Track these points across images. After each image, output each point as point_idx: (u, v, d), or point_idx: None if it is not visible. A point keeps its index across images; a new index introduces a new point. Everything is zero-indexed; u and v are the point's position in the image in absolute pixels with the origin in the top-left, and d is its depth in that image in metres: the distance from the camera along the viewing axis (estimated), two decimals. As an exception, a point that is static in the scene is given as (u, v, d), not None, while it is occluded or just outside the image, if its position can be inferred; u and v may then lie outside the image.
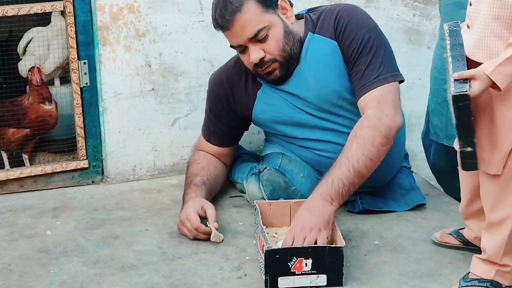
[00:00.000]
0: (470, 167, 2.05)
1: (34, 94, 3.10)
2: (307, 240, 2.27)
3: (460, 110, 1.96)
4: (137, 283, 2.28)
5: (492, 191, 2.11)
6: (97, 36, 3.04)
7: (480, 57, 2.00)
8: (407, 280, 2.27)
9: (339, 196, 2.40)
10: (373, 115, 2.50)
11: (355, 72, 2.60)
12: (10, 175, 3.03)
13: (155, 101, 3.18)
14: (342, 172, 2.41)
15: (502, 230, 2.11)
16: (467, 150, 2.01)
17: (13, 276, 2.33)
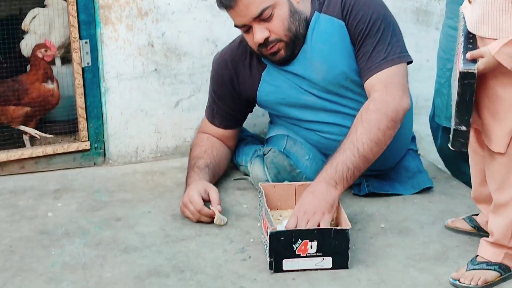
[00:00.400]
0: (460, 146, 2.03)
1: (38, 73, 3.09)
2: (310, 224, 2.26)
3: (464, 87, 1.95)
4: (140, 265, 2.27)
5: (498, 172, 2.10)
6: (99, 15, 3.02)
7: (485, 31, 1.99)
8: (414, 263, 2.26)
9: (344, 180, 2.38)
10: (380, 98, 2.48)
11: (362, 53, 2.58)
12: (10, 156, 3.02)
13: (158, 82, 3.17)
14: (346, 156, 2.39)
15: (508, 212, 2.10)
16: (461, 128, 2.00)
17: (14, 257, 2.33)
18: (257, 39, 2.56)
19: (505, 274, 2.14)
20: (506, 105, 2.01)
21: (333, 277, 2.18)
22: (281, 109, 2.75)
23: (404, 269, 2.22)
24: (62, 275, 2.21)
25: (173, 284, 2.15)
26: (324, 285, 2.14)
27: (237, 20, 2.57)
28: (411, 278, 2.17)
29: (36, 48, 3.11)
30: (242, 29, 2.61)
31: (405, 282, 2.14)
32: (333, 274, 2.20)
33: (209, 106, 2.90)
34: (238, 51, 2.78)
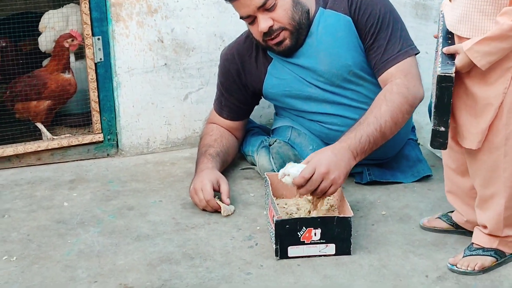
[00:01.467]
0: (439, 146, 2.08)
1: (60, 63, 3.16)
2: (323, 185, 2.30)
3: (442, 90, 2.00)
4: (151, 252, 2.34)
5: (480, 169, 2.13)
6: (111, 12, 3.09)
7: (463, 31, 2.02)
8: (413, 249, 2.32)
9: (362, 154, 2.44)
10: (402, 84, 2.55)
11: (376, 47, 2.63)
12: (27, 149, 3.10)
13: (168, 76, 3.23)
14: (370, 130, 2.44)
15: (495, 205, 2.14)
16: (440, 129, 2.05)
17: (32, 246, 2.40)
18: (262, 28, 2.60)
19: (501, 259, 2.19)
20: (482, 103, 2.04)
21: (336, 263, 2.24)
22: (285, 101, 2.80)
23: (404, 255, 2.28)
24: (78, 262, 2.29)
25: (184, 270, 2.22)
26: (327, 271, 2.19)
27: (242, 11, 2.61)
28: (411, 263, 2.22)
29: (62, 38, 3.17)
30: (247, 20, 2.65)
31: (405, 267, 2.20)
32: (336, 260, 2.25)
33: (217, 99, 2.95)
34: (244, 46, 2.83)
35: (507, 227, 2.16)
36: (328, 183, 2.31)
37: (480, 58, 1.96)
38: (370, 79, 2.70)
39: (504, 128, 2.04)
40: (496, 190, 2.12)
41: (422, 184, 2.80)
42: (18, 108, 3.18)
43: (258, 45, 2.77)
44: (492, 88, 2.02)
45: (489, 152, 2.09)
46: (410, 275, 2.17)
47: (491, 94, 2.02)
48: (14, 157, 3.11)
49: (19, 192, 2.86)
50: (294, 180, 2.31)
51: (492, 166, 2.10)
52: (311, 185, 2.31)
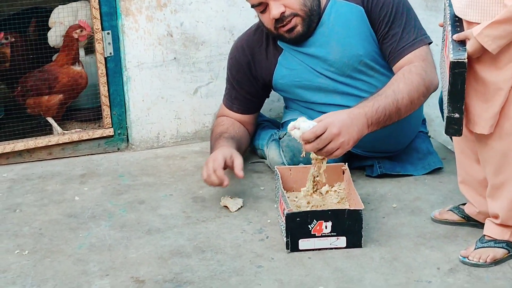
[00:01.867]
0: (454, 133, 2.08)
1: (70, 54, 3.17)
2: (330, 146, 2.30)
3: (455, 76, 2.00)
4: (162, 245, 2.35)
5: (491, 156, 2.12)
6: (120, 6, 3.10)
7: (472, 16, 2.01)
8: (425, 241, 2.31)
9: (376, 125, 2.44)
10: (420, 67, 2.55)
11: (391, 35, 2.64)
12: (38, 143, 3.12)
13: (177, 70, 3.24)
14: (387, 102, 2.44)
15: (506, 192, 2.13)
16: (454, 116, 2.05)
17: (44, 240, 2.42)
18: (274, 14, 2.59)
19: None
20: (492, 88, 2.04)
21: (347, 255, 2.24)
22: (295, 91, 2.80)
23: (415, 247, 2.27)
24: (89, 256, 2.30)
25: (195, 263, 2.23)
26: (338, 264, 2.20)
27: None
28: (422, 255, 2.22)
29: (71, 29, 3.17)
30: (258, 8, 2.64)
31: (417, 259, 2.20)
32: (347, 253, 2.25)
33: (227, 93, 2.95)
34: (254, 37, 2.83)
35: None
36: (336, 145, 2.31)
37: (490, 42, 1.96)
38: (381, 70, 2.70)
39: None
40: (507, 177, 2.11)
41: (433, 177, 2.80)
42: (30, 103, 3.19)
43: (269, 36, 2.77)
44: (502, 73, 2.02)
45: (500, 138, 2.08)
46: (421, 267, 2.17)
47: (501, 78, 2.02)
48: (25, 152, 3.12)
49: (30, 187, 2.87)
50: (304, 134, 2.30)
51: (502, 153, 2.09)
52: (318, 143, 2.29)
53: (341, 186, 2.58)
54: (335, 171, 2.59)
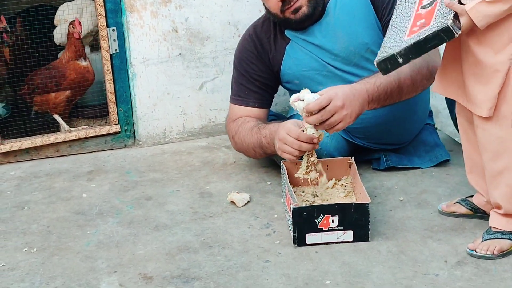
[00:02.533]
0: (385, 70, 2.07)
1: (71, 50, 3.18)
2: (333, 118, 2.30)
3: (436, 37, 1.97)
4: (170, 241, 2.36)
5: (489, 142, 2.11)
6: (125, 3, 3.10)
7: None
8: (432, 234, 2.31)
9: (377, 102, 2.44)
10: None
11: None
12: (45, 141, 3.13)
13: (183, 66, 3.24)
14: (389, 81, 2.45)
15: (506, 179, 2.12)
16: (399, 60, 2.03)
17: (52, 237, 2.43)
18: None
19: None
20: (490, 70, 2.04)
21: (354, 249, 2.24)
22: (303, 82, 2.76)
23: (422, 240, 2.27)
24: (97, 253, 2.31)
25: (202, 259, 2.23)
26: (346, 257, 2.20)
27: None
28: (430, 249, 2.22)
29: (70, 25, 3.21)
30: None
31: (424, 252, 2.20)
32: (355, 247, 2.26)
33: (237, 93, 2.85)
34: (262, 29, 2.82)
35: None
36: (339, 118, 2.32)
37: (481, 18, 1.96)
38: None
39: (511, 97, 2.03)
40: (506, 163, 2.10)
41: (440, 169, 2.79)
42: (37, 101, 3.20)
43: (276, 27, 2.77)
44: (499, 55, 2.02)
45: (497, 123, 2.08)
46: (429, 260, 2.17)
47: (498, 60, 2.02)
48: (33, 149, 3.13)
49: (38, 184, 2.88)
50: (308, 105, 2.30)
51: (500, 138, 2.09)
52: (322, 114, 2.30)
53: (348, 179, 2.58)
54: (341, 164, 2.59)
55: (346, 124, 2.34)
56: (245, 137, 2.73)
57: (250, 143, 2.71)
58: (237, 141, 2.79)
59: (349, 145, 2.80)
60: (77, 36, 3.17)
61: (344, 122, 2.33)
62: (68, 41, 3.20)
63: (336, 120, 2.32)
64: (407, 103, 2.70)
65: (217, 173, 2.92)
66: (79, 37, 3.17)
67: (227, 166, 2.98)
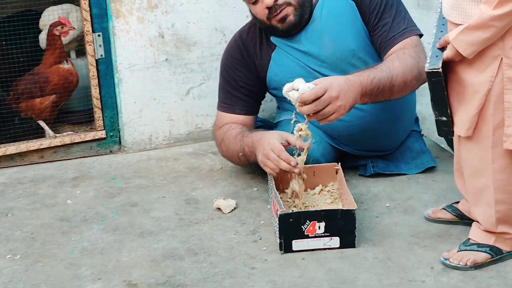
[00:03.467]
0: (446, 134, 2.12)
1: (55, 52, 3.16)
2: (328, 109, 2.29)
3: (433, 84, 2.03)
4: (155, 248, 2.34)
5: (470, 159, 2.11)
6: (111, 8, 3.09)
7: (455, 17, 2.02)
8: (418, 240, 2.31)
9: (369, 96, 2.44)
10: (413, 51, 2.56)
11: (381, 25, 2.65)
12: (30, 147, 3.11)
13: (169, 71, 3.23)
14: (382, 76, 2.45)
15: (485, 198, 2.12)
16: (442, 119, 2.09)
17: (36, 244, 2.41)
18: (267, 2, 2.59)
19: (496, 257, 2.15)
20: (471, 90, 2.04)
21: (341, 256, 2.24)
22: None
23: (409, 247, 2.27)
24: (82, 260, 2.29)
25: (188, 266, 2.22)
26: (332, 264, 2.19)
27: None
28: (416, 255, 2.22)
29: (52, 27, 3.16)
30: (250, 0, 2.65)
31: (410, 259, 2.20)
32: (341, 253, 2.25)
33: (223, 100, 2.85)
34: (248, 35, 2.81)
35: (501, 223, 2.13)
36: (333, 108, 2.30)
37: (465, 47, 1.97)
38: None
39: (491, 118, 2.03)
40: (486, 182, 2.10)
41: (426, 176, 2.80)
42: (23, 107, 3.18)
43: (262, 34, 2.77)
44: (480, 76, 2.02)
45: (478, 142, 2.08)
46: (415, 267, 2.16)
47: (479, 81, 2.02)
48: (17, 155, 3.11)
49: (22, 191, 2.86)
50: (303, 95, 2.27)
51: (480, 157, 2.09)
52: (317, 104, 2.28)
53: (334, 185, 2.58)
54: (328, 171, 2.59)
55: (339, 115, 2.33)
56: (230, 144, 2.73)
57: (235, 150, 2.71)
58: (223, 148, 2.79)
59: (336, 151, 2.80)
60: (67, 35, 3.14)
61: (338, 113, 2.32)
62: (50, 44, 3.17)
63: (330, 111, 2.30)
64: (393, 110, 2.71)
65: (203, 179, 2.90)
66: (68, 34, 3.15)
67: (214, 172, 2.97)
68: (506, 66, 1.98)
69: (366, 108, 2.66)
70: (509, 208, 2.11)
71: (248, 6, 2.71)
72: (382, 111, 2.68)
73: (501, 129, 2.03)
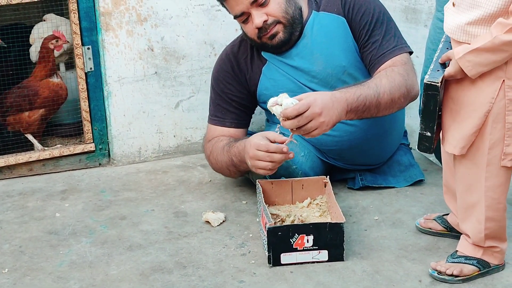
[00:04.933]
0: (425, 150, 2.12)
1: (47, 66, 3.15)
2: (310, 124, 2.29)
3: (428, 97, 2.04)
4: (144, 261, 2.34)
5: (463, 175, 2.12)
6: (100, 21, 3.09)
7: (458, 36, 2.03)
8: (406, 253, 2.32)
9: (355, 113, 2.44)
10: (402, 69, 2.56)
11: (371, 42, 2.65)
12: (19, 159, 3.10)
13: (158, 84, 3.23)
14: (369, 93, 2.45)
15: (475, 213, 2.13)
16: (426, 134, 2.09)
17: (24, 258, 2.40)
18: (257, 23, 2.59)
19: (483, 270, 2.16)
20: (469, 108, 2.05)
21: (329, 269, 2.24)
22: None
23: (397, 260, 2.28)
24: (70, 273, 2.28)
25: (176, 279, 2.22)
26: (320, 277, 2.19)
27: (236, 9, 2.61)
28: (404, 268, 2.23)
29: (46, 40, 3.15)
30: (240, 18, 2.64)
31: (398, 272, 2.20)
32: (329, 267, 2.25)
33: (214, 113, 2.85)
34: (239, 49, 2.82)
35: (490, 239, 2.15)
36: (315, 125, 2.30)
37: (471, 68, 1.98)
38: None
39: (488, 137, 2.04)
40: (477, 199, 2.11)
41: (415, 189, 2.80)
42: (10, 120, 3.17)
43: (253, 48, 2.77)
44: (480, 96, 2.02)
45: (472, 160, 2.09)
46: (403, 280, 2.17)
47: (478, 101, 2.03)
48: (6, 168, 3.10)
49: (10, 204, 2.85)
50: (286, 110, 2.28)
51: (474, 174, 2.10)
52: (299, 120, 2.29)
53: (323, 199, 2.59)
54: (316, 184, 2.60)
55: (322, 131, 2.34)
56: (218, 157, 2.73)
57: (224, 162, 2.71)
58: (212, 161, 2.79)
59: (325, 164, 2.81)
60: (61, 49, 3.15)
61: (320, 129, 2.32)
62: (42, 57, 3.17)
63: (312, 126, 2.31)
64: (382, 125, 2.72)
65: (192, 192, 2.90)
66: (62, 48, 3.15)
67: (203, 185, 2.97)
68: (508, 88, 2.00)
69: (356, 124, 2.67)
70: (498, 225, 2.13)
71: (238, 23, 2.71)
72: (371, 126, 2.69)
73: (496, 147, 2.05)
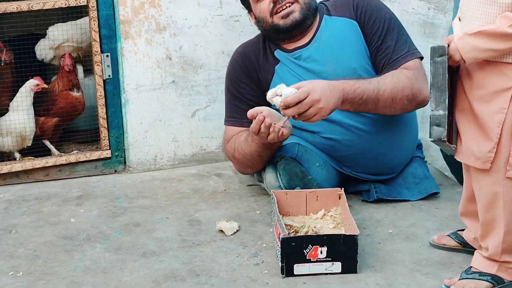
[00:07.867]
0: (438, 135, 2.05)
1: (64, 81, 3.20)
2: (310, 111, 2.37)
3: (436, 65, 2.01)
4: (157, 269, 2.34)
5: (485, 190, 2.11)
6: (119, 29, 3.12)
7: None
8: (420, 268, 2.31)
9: (350, 104, 2.50)
10: (411, 73, 2.61)
11: (384, 47, 2.70)
12: (36, 165, 3.12)
13: (175, 93, 3.25)
14: (368, 88, 2.51)
15: (495, 228, 2.12)
16: (438, 113, 2.04)
17: (38, 262, 2.41)
18: None
19: (497, 286, 2.15)
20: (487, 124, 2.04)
21: (342, 281, 2.23)
22: None
23: (410, 274, 2.27)
24: (84, 279, 2.29)
25: (189, 287, 2.22)
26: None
27: None
28: (417, 282, 2.22)
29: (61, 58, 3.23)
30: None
31: (411, 286, 2.20)
32: (342, 278, 2.25)
33: (231, 115, 2.87)
34: (253, 47, 2.86)
35: (506, 253, 2.14)
36: (315, 111, 2.38)
37: (467, 50, 1.98)
38: None
39: (503, 149, 2.04)
40: (497, 213, 2.11)
41: (429, 203, 2.80)
42: None
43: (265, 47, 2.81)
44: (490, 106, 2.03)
45: (490, 174, 2.08)
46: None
47: (488, 111, 2.03)
48: (22, 172, 3.12)
49: (26, 208, 2.87)
50: (286, 99, 2.36)
51: (492, 189, 2.09)
52: (300, 107, 2.36)
53: (337, 211, 2.59)
54: (331, 195, 2.60)
55: (321, 117, 2.41)
56: (244, 149, 2.73)
57: (251, 151, 2.71)
58: (238, 157, 2.78)
59: (339, 175, 2.81)
60: (67, 69, 3.19)
61: (319, 115, 2.40)
62: (60, 72, 3.22)
63: (312, 113, 2.38)
64: (393, 131, 2.74)
65: (206, 201, 2.91)
66: (69, 70, 3.19)
67: (217, 194, 2.98)
68: None
69: (367, 128, 2.70)
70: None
71: (253, 7, 2.76)
72: (383, 131, 2.72)
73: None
